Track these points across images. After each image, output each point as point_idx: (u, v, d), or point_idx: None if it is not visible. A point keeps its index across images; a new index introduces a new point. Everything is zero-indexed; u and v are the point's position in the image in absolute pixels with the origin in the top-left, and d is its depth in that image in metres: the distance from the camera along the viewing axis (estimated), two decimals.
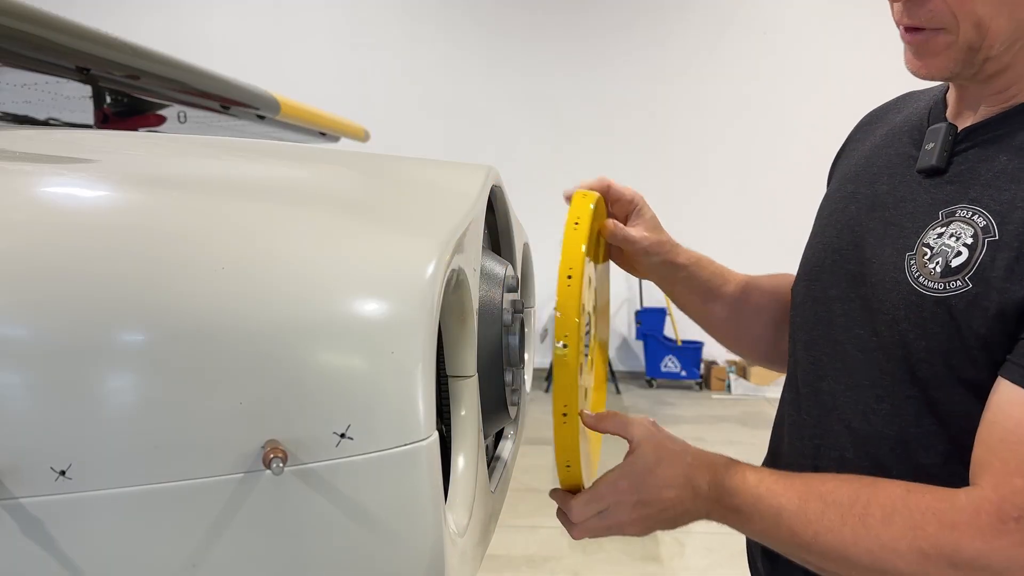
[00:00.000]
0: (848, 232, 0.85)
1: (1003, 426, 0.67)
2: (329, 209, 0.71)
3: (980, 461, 0.69)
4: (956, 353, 0.72)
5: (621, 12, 6.31)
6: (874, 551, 0.69)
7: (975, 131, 0.78)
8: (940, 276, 0.73)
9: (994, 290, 0.69)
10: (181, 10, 6.45)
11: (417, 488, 0.55)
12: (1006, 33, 0.72)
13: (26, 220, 0.60)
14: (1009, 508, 0.65)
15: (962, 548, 0.66)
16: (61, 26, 1.47)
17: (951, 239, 0.73)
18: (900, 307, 0.76)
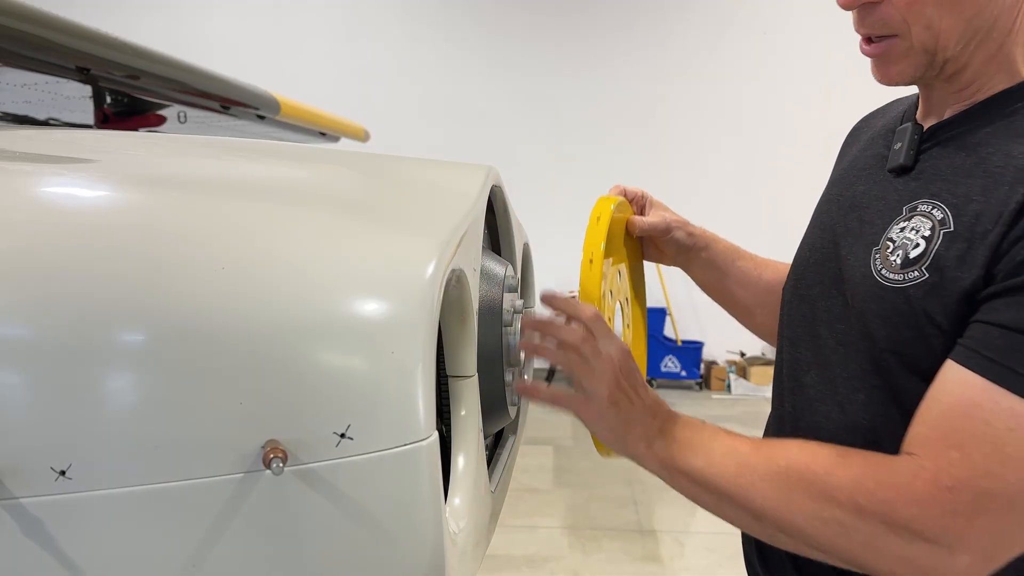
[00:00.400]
0: (829, 232, 0.89)
1: (943, 402, 0.70)
2: (329, 209, 0.71)
3: (918, 434, 0.71)
4: (914, 343, 0.75)
5: (621, 12, 6.31)
6: (816, 498, 0.72)
7: (939, 130, 0.81)
8: (900, 267, 0.76)
9: (947, 278, 0.72)
10: (181, 10, 6.44)
11: (417, 488, 0.55)
12: (957, 33, 0.75)
13: (26, 220, 0.60)
14: (944, 478, 0.67)
15: (897, 509, 0.68)
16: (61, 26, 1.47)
17: (911, 232, 0.77)
18: (866, 299, 0.79)
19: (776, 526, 0.75)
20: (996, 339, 0.68)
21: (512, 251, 1.08)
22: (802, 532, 0.74)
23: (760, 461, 0.76)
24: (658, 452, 0.79)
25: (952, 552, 0.68)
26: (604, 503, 3.77)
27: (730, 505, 0.77)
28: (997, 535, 0.68)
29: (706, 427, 0.81)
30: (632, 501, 3.79)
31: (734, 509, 0.78)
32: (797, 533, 0.74)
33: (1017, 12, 0.76)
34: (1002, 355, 0.67)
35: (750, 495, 0.75)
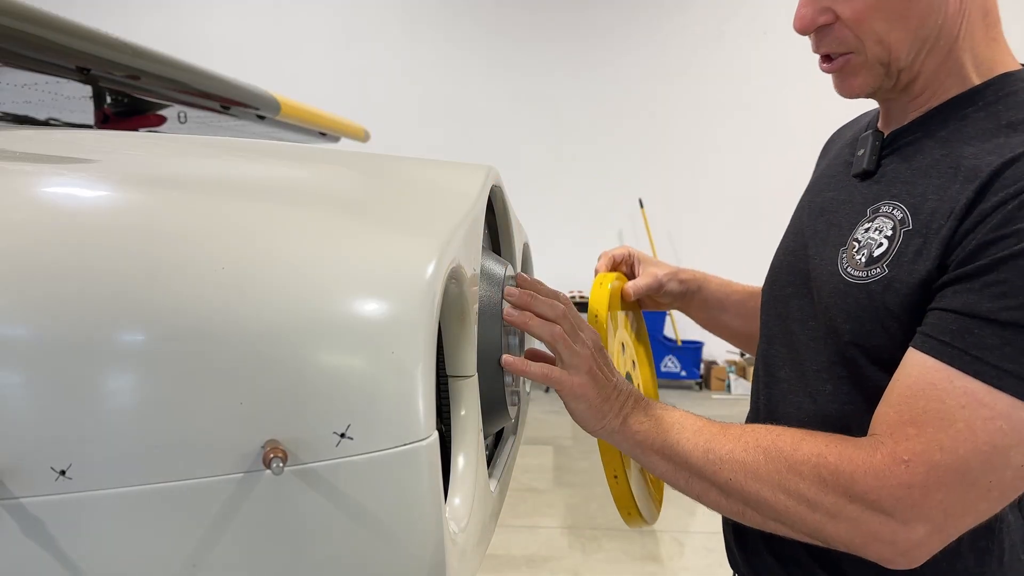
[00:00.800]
0: (800, 237, 0.96)
1: (903, 384, 0.75)
2: (329, 209, 0.71)
3: (880, 415, 0.77)
4: (876, 335, 0.80)
5: (621, 12, 6.31)
6: (781, 471, 0.76)
7: (898, 135, 0.87)
8: (864, 265, 0.82)
9: (904, 272, 0.78)
10: (181, 10, 6.45)
11: (417, 488, 0.55)
12: (907, 44, 0.81)
13: (26, 220, 0.60)
14: (901, 451, 0.72)
15: (857, 480, 0.73)
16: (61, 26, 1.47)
17: (875, 232, 0.82)
18: (832, 296, 0.85)
19: (743, 500, 0.80)
20: (950, 324, 0.73)
21: (512, 251, 1.08)
22: (768, 506, 0.78)
23: (729, 439, 0.81)
24: (632, 428, 0.84)
25: (907, 523, 0.72)
26: (604, 503, 3.77)
27: (700, 481, 0.82)
28: (950, 507, 0.71)
29: (677, 409, 0.86)
30: None
31: (703, 485, 0.82)
32: (763, 507, 0.78)
33: (960, 20, 0.81)
34: (955, 338, 0.72)
35: (719, 470, 0.80)
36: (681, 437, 0.82)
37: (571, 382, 0.82)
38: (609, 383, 0.84)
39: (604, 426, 0.84)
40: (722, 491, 0.80)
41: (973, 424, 0.70)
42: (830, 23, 0.83)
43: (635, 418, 0.84)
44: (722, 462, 0.80)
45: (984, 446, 0.70)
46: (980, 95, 0.82)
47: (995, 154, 0.75)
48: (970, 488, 0.71)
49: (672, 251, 6.33)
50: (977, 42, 0.82)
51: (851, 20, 0.81)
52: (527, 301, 0.81)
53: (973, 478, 0.71)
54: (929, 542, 0.73)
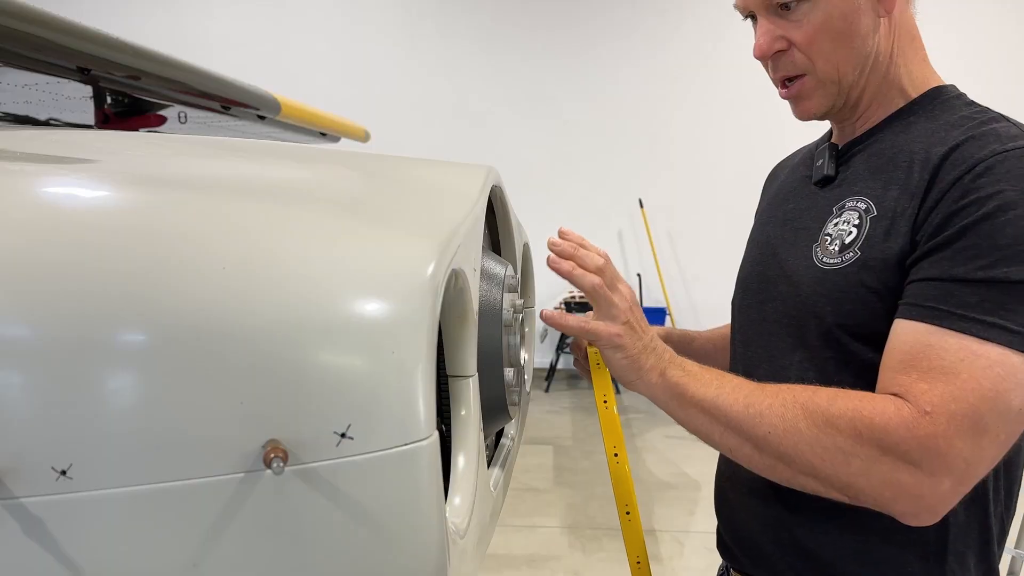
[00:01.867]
0: (768, 247, 1.04)
1: (900, 350, 0.81)
2: (330, 209, 0.71)
3: (885, 381, 0.82)
4: (858, 312, 0.87)
5: (622, 12, 6.31)
6: (820, 425, 0.80)
7: (852, 144, 0.98)
8: (838, 253, 0.90)
9: (876, 250, 0.86)
10: (182, 10, 6.45)
11: (418, 488, 0.55)
12: (851, 61, 0.92)
13: (26, 220, 0.60)
14: (923, 403, 0.77)
15: (890, 432, 0.77)
16: (61, 26, 1.47)
17: (844, 224, 0.91)
18: (811, 284, 0.92)
19: (777, 455, 0.83)
20: (931, 291, 0.80)
21: (512, 251, 1.08)
22: (804, 460, 0.81)
23: (767, 395, 0.84)
24: (671, 381, 0.88)
25: (934, 475, 0.76)
26: (604, 503, 3.77)
27: (736, 434, 0.85)
28: (970, 456, 0.76)
29: (712, 368, 0.90)
30: None
31: (738, 439, 0.85)
32: (798, 461, 0.81)
33: (892, 41, 0.93)
34: (939, 302, 0.79)
35: (758, 424, 0.83)
36: (721, 391, 0.86)
37: (608, 331, 0.86)
38: (646, 335, 0.89)
39: (642, 377, 0.88)
40: (757, 446, 0.83)
41: (975, 373, 0.76)
42: (784, 49, 0.93)
43: (672, 371, 0.88)
44: (761, 416, 0.83)
45: (989, 392, 0.75)
46: (919, 105, 0.94)
47: (941, 144, 0.86)
48: (983, 435, 0.76)
49: (672, 251, 6.33)
50: (909, 61, 0.95)
51: (802, 43, 0.91)
52: (570, 251, 0.87)
53: (985, 424, 0.75)
54: (953, 495, 0.78)
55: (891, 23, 0.92)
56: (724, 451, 0.87)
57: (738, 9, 0.97)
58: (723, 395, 0.85)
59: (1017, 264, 0.76)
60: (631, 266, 6.37)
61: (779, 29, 0.92)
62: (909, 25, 0.95)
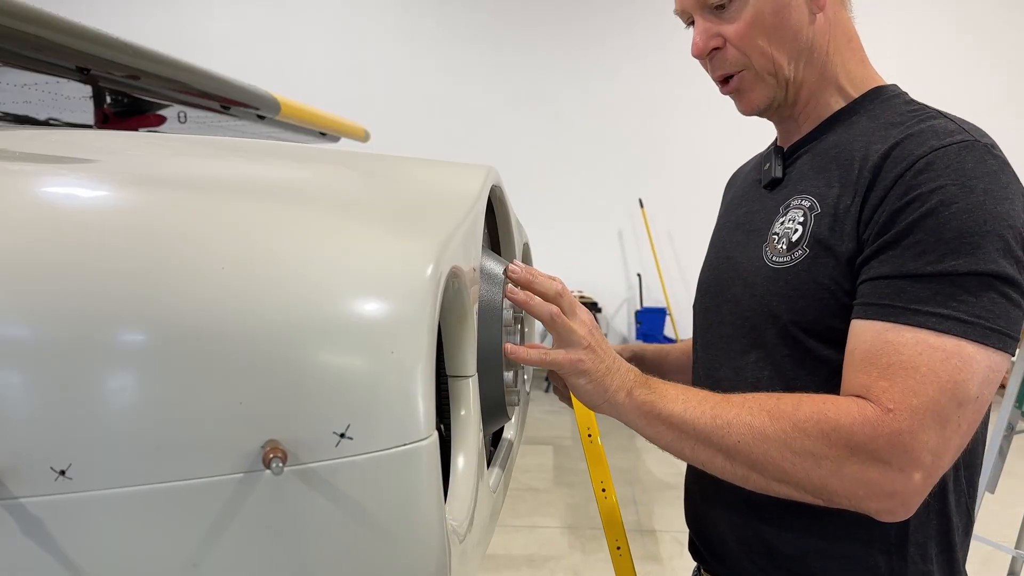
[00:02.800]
0: (721, 251, 1.07)
1: (860, 350, 0.82)
2: (329, 209, 0.71)
3: (849, 382, 0.83)
4: (810, 309, 0.89)
5: (622, 12, 6.31)
6: (787, 430, 0.81)
7: (797, 146, 1.01)
8: (786, 251, 0.92)
9: (823, 247, 0.88)
10: (182, 10, 6.44)
11: (417, 488, 0.55)
12: (786, 53, 0.94)
13: (26, 220, 0.60)
14: (885, 402, 0.78)
15: (855, 432, 0.78)
16: (61, 26, 1.47)
17: (789, 223, 0.93)
18: (764, 284, 0.94)
19: (749, 463, 0.83)
20: (884, 289, 0.82)
21: (512, 251, 1.08)
22: (775, 466, 0.81)
23: (733, 405, 0.85)
24: (638, 399, 0.87)
25: (904, 471, 0.78)
26: None
27: (706, 447, 0.85)
28: (935, 447, 0.78)
29: (677, 384, 0.90)
30: (632, 501, 3.79)
31: (709, 451, 0.85)
32: (770, 468, 0.82)
33: (828, 39, 0.95)
34: (893, 299, 0.81)
35: (726, 434, 0.83)
36: (687, 405, 0.86)
37: (570, 358, 0.85)
38: (608, 356, 0.88)
39: (608, 399, 0.87)
40: (728, 456, 0.84)
41: (933, 366, 0.78)
42: (720, 46, 0.95)
43: (638, 391, 0.87)
44: (729, 426, 0.83)
45: (948, 383, 0.77)
46: (860, 104, 0.96)
47: (881, 143, 0.87)
48: (946, 425, 0.78)
49: (672, 251, 6.33)
50: (847, 61, 0.97)
51: (736, 39, 0.94)
52: (527, 279, 0.86)
53: (946, 415, 0.77)
54: (924, 487, 0.79)
55: (826, 19, 0.95)
56: (698, 465, 0.87)
57: (678, 15, 1.00)
58: (689, 409, 0.85)
59: (964, 256, 0.78)
60: (631, 266, 6.37)
61: (714, 27, 0.95)
62: (845, 26, 0.97)
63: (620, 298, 6.44)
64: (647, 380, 0.89)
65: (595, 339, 0.88)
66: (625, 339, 6.58)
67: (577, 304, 0.89)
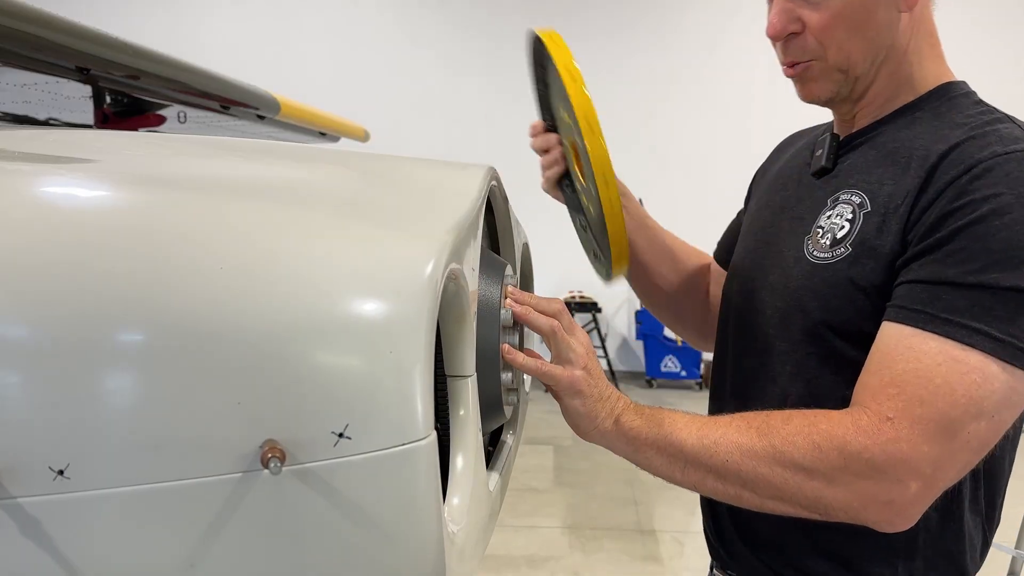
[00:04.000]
0: (763, 234, 1.03)
1: (881, 352, 0.80)
2: (328, 209, 0.71)
3: (861, 385, 0.81)
4: (844, 309, 0.86)
5: (622, 12, 6.31)
6: (776, 444, 0.80)
7: (853, 137, 0.96)
8: (829, 247, 0.89)
9: (868, 248, 0.85)
10: (181, 10, 6.44)
11: (415, 488, 0.55)
12: (864, 52, 0.90)
13: (25, 220, 0.60)
14: (885, 410, 0.77)
15: (849, 441, 0.77)
16: (61, 26, 1.47)
17: (837, 218, 0.90)
18: (800, 278, 0.91)
19: (740, 482, 0.82)
20: (919, 293, 0.79)
21: (512, 251, 1.08)
22: (765, 482, 0.80)
23: (720, 424, 0.84)
24: (625, 426, 0.86)
25: (901, 481, 0.76)
26: (604, 503, 3.77)
27: (696, 469, 0.84)
28: (936, 459, 0.76)
29: (665, 408, 0.89)
30: (632, 501, 3.79)
31: (699, 473, 0.84)
32: (761, 485, 0.81)
33: (910, 38, 0.91)
34: (926, 305, 0.78)
35: (714, 454, 0.82)
36: (674, 428, 0.85)
37: (567, 376, 0.84)
38: (602, 382, 0.86)
39: (597, 426, 0.85)
40: (718, 475, 0.82)
41: (950, 379, 0.75)
42: (798, 32, 0.91)
43: (627, 417, 0.86)
44: (717, 445, 0.82)
45: (962, 399, 0.75)
46: (926, 101, 0.92)
47: (941, 143, 0.84)
48: (952, 439, 0.75)
49: None
50: (923, 58, 0.93)
51: (817, 28, 0.89)
52: (525, 297, 0.84)
53: (954, 429, 0.75)
54: (922, 498, 0.78)
55: (912, 19, 0.90)
56: (690, 488, 0.86)
57: None
58: (676, 431, 0.84)
59: (1008, 270, 0.75)
60: None
61: (796, 10, 0.90)
62: (928, 23, 0.92)
63: (620, 298, 6.44)
64: (637, 407, 0.88)
65: (592, 362, 0.86)
66: (625, 339, 6.58)
67: (576, 326, 0.88)
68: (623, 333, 6.58)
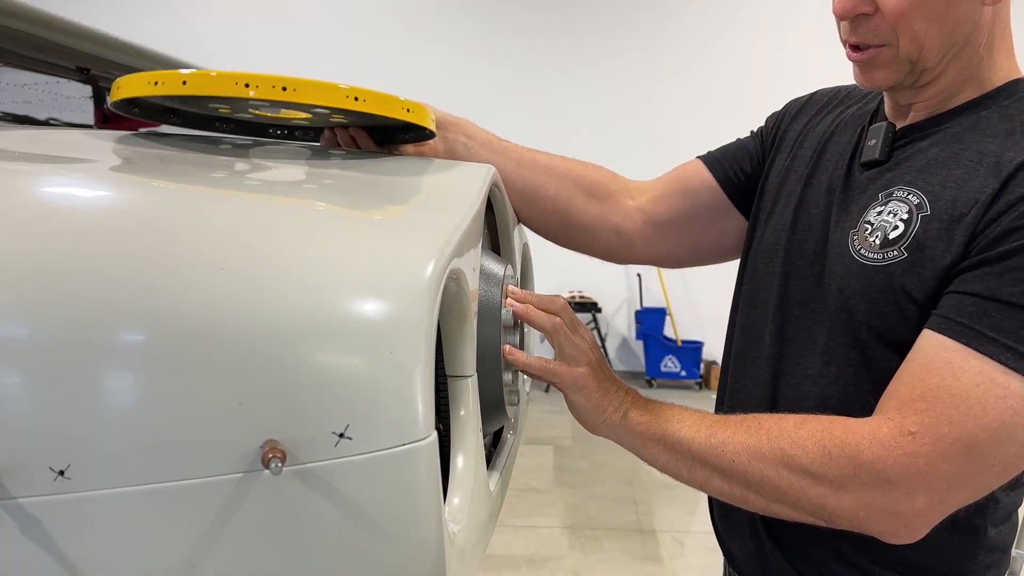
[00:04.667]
0: (804, 215, 0.95)
1: (918, 362, 0.76)
2: (329, 209, 0.71)
3: (890, 392, 0.78)
4: (892, 316, 0.81)
5: (622, 11, 6.31)
6: (784, 448, 0.77)
7: (911, 129, 0.89)
8: (879, 247, 0.83)
9: (926, 256, 0.79)
10: (182, 10, 6.45)
11: (416, 488, 0.55)
12: (938, 46, 0.83)
13: (25, 219, 0.60)
14: (908, 424, 0.73)
15: (862, 451, 0.74)
16: (61, 26, 1.47)
17: (889, 215, 0.83)
18: (844, 277, 0.85)
19: (745, 483, 0.80)
20: (968, 307, 0.75)
21: (512, 251, 1.08)
22: (771, 484, 0.78)
23: (730, 425, 0.82)
24: (633, 421, 0.85)
25: (910, 494, 0.73)
26: (604, 503, 3.77)
27: (702, 467, 0.82)
28: (953, 478, 0.73)
29: (674, 404, 0.88)
30: (632, 501, 3.79)
31: (705, 472, 0.83)
32: (766, 487, 0.79)
33: (985, 33, 0.85)
34: (973, 320, 0.74)
35: (721, 453, 0.81)
36: (682, 426, 0.84)
37: (571, 373, 0.83)
38: (608, 377, 0.86)
39: (604, 420, 0.85)
40: (724, 475, 0.81)
41: (985, 401, 0.72)
42: (870, 13, 0.83)
43: (634, 412, 0.85)
44: (724, 445, 0.81)
45: (994, 423, 0.71)
46: (993, 99, 0.86)
47: (1015, 150, 0.78)
48: (975, 461, 0.73)
49: None
50: (995, 51, 0.86)
51: (892, 13, 0.82)
52: (526, 295, 0.84)
53: (979, 452, 0.72)
54: (931, 513, 0.75)
55: (992, 13, 0.84)
56: (696, 486, 0.85)
57: None
58: (684, 429, 0.83)
59: None
60: (631, 266, 6.37)
61: None
62: (1005, 16, 0.86)
63: (620, 298, 6.43)
64: (644, 402, 0.87)
65: (596, 356, 0.85)
66: (625, 339, 6.58)
67: (579, 322, 0.87)
68: (623, 333, 6.58)
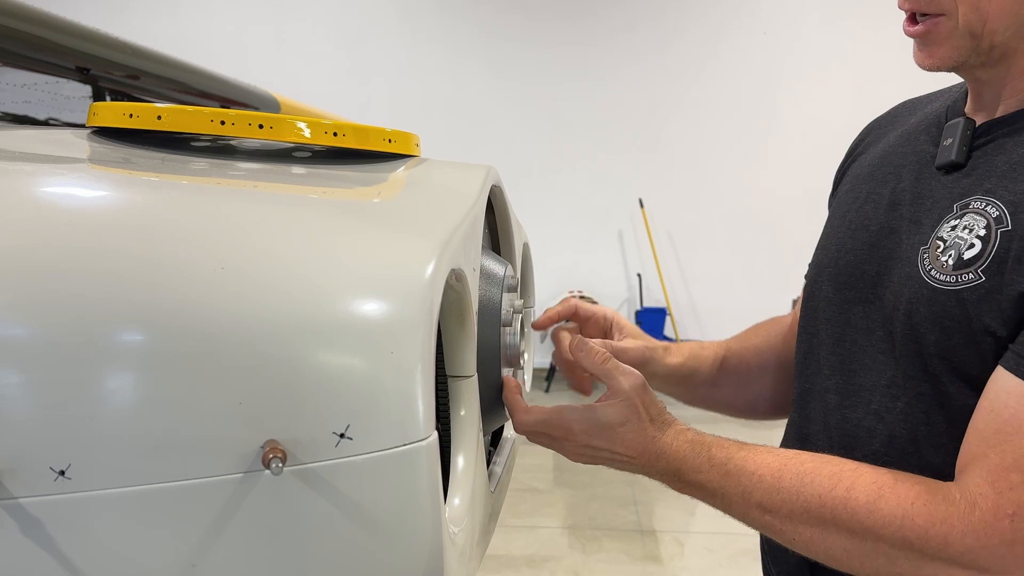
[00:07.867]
0: (864, 232, 0.84)
1: (999, 416, 0.66)
2: (329, 209, 0.71)
3: (973, 451, 0.67)
4: (966, 347, 0.71)
5: (622, 13, 6.31)
6: (855, 534, 0.68)
7: (994, 125, 0.77)
8: (952, 269, 0.72)
9: (1005, 282, 0.68)
10: (182, 10, 6.44)
11: (416, 488, 0.55)
12: (1007, 15, 0.71)
13: (25, 219, 0.60)
14: (1005, 504, 0.63)
15: (951, 543, 0.65)
16: (61, 26, 1.47)
17: (964, 231, 0.72)
18: (913, 302, 0.75)
19: (814, 557, 0.73)
20: None
21: (512, 251, 1.08)
22: (842, 562, 0.71)
23: (789, 497, 0.72)
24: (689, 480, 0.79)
25: (1005, 572, 0.64)
26: (604, 503, 3.77)
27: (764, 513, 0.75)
28: None
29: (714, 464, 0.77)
30: (632, 501, 3.79)
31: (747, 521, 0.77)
32: (838, 563, 0.71)
33: None
34: None
35: (785, 533, 0.73)
36: (730, 504, 0.77)
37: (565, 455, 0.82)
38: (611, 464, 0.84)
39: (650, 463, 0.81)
40: (790, 544, 0.75)
41: None
42: None
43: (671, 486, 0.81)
44: (780, 530, 0.74)
45: None
46: None
47: None
48: None
49: (672, 251, 6.32)
50: None
51: None
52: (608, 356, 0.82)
53: None
54: None
55: None
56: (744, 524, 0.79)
57: None
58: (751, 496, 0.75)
59: None
60: (631, 266, 6.37)
61: None
62: None
63: (620, 298, 6.43)
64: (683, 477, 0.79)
65: (592, 448, 0.83)
66: None
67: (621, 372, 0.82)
68: None
